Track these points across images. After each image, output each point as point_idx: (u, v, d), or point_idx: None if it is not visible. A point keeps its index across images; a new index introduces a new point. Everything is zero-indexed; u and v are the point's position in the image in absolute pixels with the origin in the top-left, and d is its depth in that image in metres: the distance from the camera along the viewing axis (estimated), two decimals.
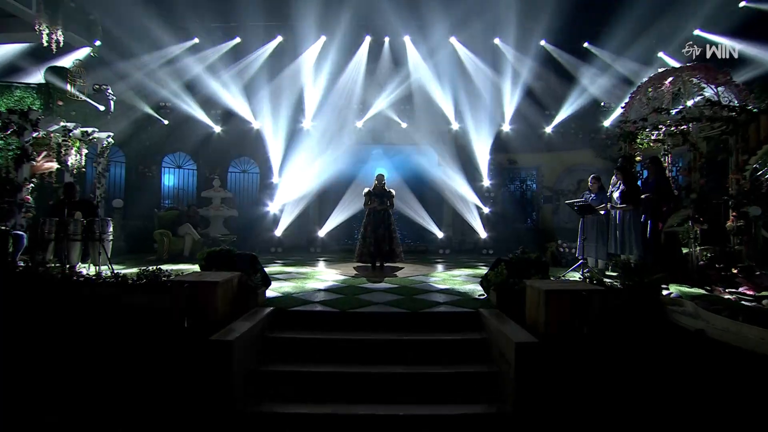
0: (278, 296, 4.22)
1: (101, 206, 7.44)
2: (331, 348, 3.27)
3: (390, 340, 3.31)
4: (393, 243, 6.53)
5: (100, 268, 4.76)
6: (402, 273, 5.98)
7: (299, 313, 3.67)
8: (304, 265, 6.75)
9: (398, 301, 4.05)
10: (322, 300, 4.05)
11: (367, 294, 4.38)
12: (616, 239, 5.61)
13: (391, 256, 6.47)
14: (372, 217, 6.49)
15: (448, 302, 4.03)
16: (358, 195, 11.14)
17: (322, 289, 4.59)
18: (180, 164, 10.24)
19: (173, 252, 6.90)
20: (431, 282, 5.22)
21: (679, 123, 5.44)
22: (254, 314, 3.46)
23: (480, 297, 4.21)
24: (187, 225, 7.07)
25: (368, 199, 6.60)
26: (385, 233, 6.42)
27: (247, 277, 3.83)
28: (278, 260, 7.49)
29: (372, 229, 6.41)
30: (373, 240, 6.32)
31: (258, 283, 3.81)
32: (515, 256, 4.16)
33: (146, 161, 9.42)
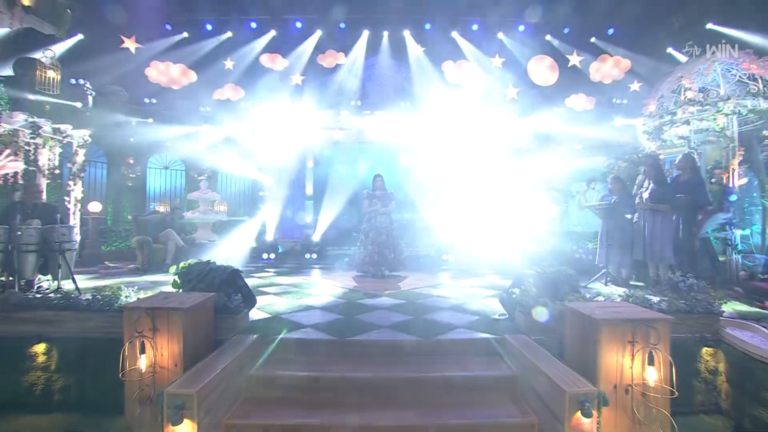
0: (265, 318, 3.55)
1: (77, 210, 6.74)
2: (330, 390, 2.60)
3: (400, 380, 2.65)
4: (397, 250, 5.89)
5: (59, 283, 4.08)
6: (405, 284, 5.32)
7: (289, 342, 3.00)
8: (297, 275, 6.08)
9: (406, 324, 3.39)
10: (317, 323, 3.38)
11: (369, 313, 3.72)
12: (644, 245, 4.98)
13: (395, 265, 5.83)
14: (373, 222, 5.84)
15: (464, 325, 3.38)
16: (356, 197, 10.54)
17: (317, 307, 3.93)
18: (167, 165, 9.54)
19: (154, 261, 6.21)
20: (439, 296, 4.57)
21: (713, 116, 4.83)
22: (233, 345, 2.80)
23: (500, 318, 3.56)
24: (170, 231, 6.38)
25: (368, 202, 5.95)
26: (388, 240, 5.77)
27: (226, 297, 3.17)
28: (270, 268, 6.81)
29: (373, 235, 5.76)
30: (376, 248, 5.68)
31: (239, 305, 3.14)
32: (544, 270, 3.51)
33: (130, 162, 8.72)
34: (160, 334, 2.45)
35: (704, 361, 2.96)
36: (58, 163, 6.43)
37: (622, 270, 5.39)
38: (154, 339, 2.42)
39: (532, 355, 2.61)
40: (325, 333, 3.12)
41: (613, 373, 2.24)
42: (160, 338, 2.45)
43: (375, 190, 6.08)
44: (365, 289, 4.88)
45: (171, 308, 2.46)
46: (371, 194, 6.00)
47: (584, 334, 2.46)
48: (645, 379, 2.13)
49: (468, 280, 5.77)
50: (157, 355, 2.42)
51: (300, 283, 5.31)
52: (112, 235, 7.38)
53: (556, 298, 3.25)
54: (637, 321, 2.24)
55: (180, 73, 11.32)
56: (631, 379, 2.19)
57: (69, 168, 6.79)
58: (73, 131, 6.49)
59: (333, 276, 6.01)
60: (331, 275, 6.12)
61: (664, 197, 4.78)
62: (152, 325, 2.41)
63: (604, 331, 2.27)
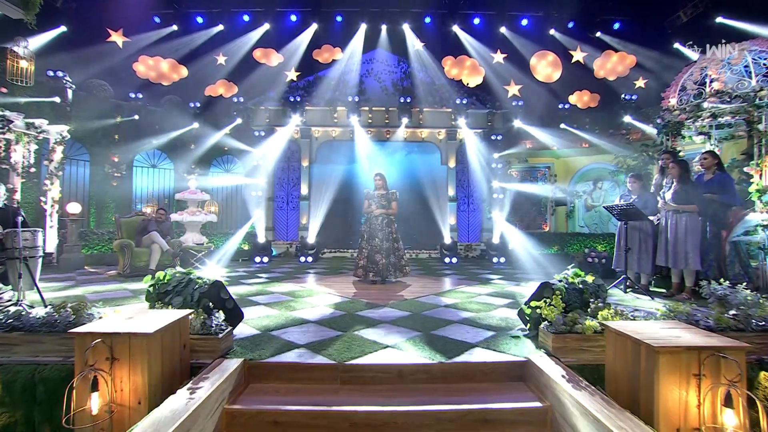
0: (253, 334, 3.10)
1: (54, 212, 6.25)
2: (325, 428, 2.16)
3: (409, 415, 2.21)
4: (398, 254, 5.46)
5: (22, 294, 3.60)
6: (409, 291, 4.89)
7: (278, 367, 2.56)
8: (291, 280, 5.63)
9: (414, 341, 2.96)
10: (312, 342, 2.94)
11: (371, 329, 3.28)
12: (666, 249, 4.58)
13: (397, 271, 5.41)
14: (373, 224, 5.40)
15: (481, 342, 2.95)
16: (354, 197, 10.14)
17: (312, 321, 3.48)
18: (155, 163, 9.04)
19: (137, 266, 5.73)
20: (447, 305, 4.15)
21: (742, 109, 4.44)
22: (213, 372, 2.35)
23: (521, 334, 3.14)
24: (154, 234, 5.90)
25: (368, 202, 5.51)
26: (390, 243, 5.34)
27: (206, 315, 2.72)
28: (262, 273, 6.35)
29: (374, 238, 5.33)
30: (376, 251, 5.25)
31: (220, 324, 2.69)
32: (569, 281, 3.09)
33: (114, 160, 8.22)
34: (119, 365, 2.00)
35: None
36: (34, 160, 5.94)
37: (641, 275, 5.00)
38: (112, 371, 1.97)
39: (567, 385, 2.18)
40: (322, 355, 2.68)
41: (675, 414, 1.82)
42: (119, 370, 1.99)
43: (375, 189, 5.65)
44: (366, 298, 4.44)
45: (134, 333, 2.01)
46: (371, 194, 5.57)
47: (633, 362, 2.03)
48: (721, 425, 1.71)
49: (475, 286, 5.35)
50: (115, 390, 1.96)
51: (294, 291, 4.86)
52: (94, 238, 6.89)
53: (587, 312, 2.84)
54: (704, 349, 1.82)
55: (170, 69, 10.84)
56: (699, 422, 1.77)
57: (46, 166, 6.30)
58: (50, 126, 6.01)
59: (330, 282, 5.57)
60: (328, 281, 5.68)
61: (690, 197, 4.39)
62: (110, 354, 1.96)
63: (662, 361, 1.84)
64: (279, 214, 10.20)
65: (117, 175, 8.01)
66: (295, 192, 10.22)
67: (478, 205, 10.33)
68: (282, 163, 10.22)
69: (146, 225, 6.08)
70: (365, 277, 5.37)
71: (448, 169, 10.16)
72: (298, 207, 10.09)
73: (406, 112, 9.48)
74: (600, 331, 2.61)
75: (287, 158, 10.25)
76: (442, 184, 10.20)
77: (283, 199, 10.22)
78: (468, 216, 10.32)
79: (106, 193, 7.84)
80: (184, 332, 2.46)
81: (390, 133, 10.15)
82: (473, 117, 9.83)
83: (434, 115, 9.96)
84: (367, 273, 5.32)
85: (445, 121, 10.00)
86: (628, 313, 2.79)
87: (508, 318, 3.65)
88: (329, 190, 10.12)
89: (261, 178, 9.35)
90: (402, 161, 10.38)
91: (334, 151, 10.25)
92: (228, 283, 5.27)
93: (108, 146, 7.90)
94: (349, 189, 10.01)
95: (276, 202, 10.18)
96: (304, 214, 9.94)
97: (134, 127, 8.18)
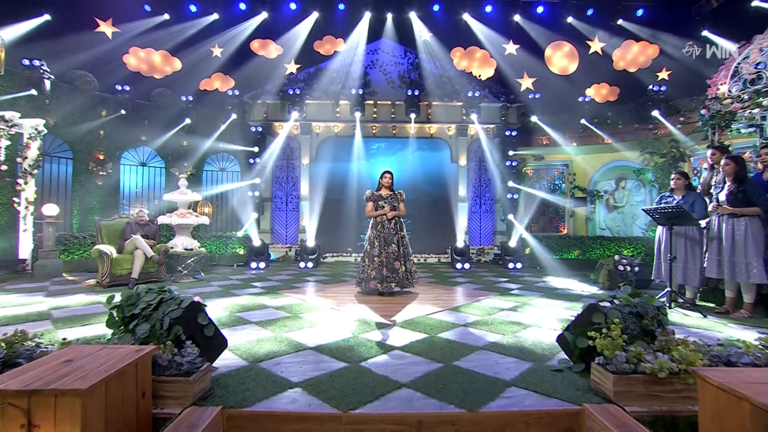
0: (238, 367, 2.59)
1: (29, 214, 5.77)
2: None
3: None
4: (408, 263, 4.94)
5: None
6: (421, 305, 4.37)
7: (266, 417, 2.04)
8: (289, 291, 5.11)
9: (434, 379, 2.43)
10: (309, 380, 2.41)
11: (381, 357, 2.76)
12: (719, 258, 4.03)
13: (406, 281, 4.89)
14: (380, 229, 4.89)
15: (518, 379, 2.42)
16: (357, 197, 9.62)
17: (310, 348, 2.96)
18: (144, 161, 8.56)
19: (118, 275, 5.24)
20: (467, 324, 3.62)
21: None
22: (178, 428, 1.83)
23: (564, 367, 2.60)
24: (137, 238, 5.40)
25: (374, 205, 5.00)
26: (398, 250, 4.82)
27: (176, 348, 2.20)
28: (257, 282, 5.84)
29: (381, 245, 4.81)
30: (394, 259, 4.75)
31: (194, 361, 2.17)
32: (624, 303, 2.56)
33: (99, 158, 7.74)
34: None
35: None
36: (5, 157, 5.46)
37: (686, 288, 4.45)
38: None
39: None
40: (321, 399, 2.16)
41: None
42: None
43: (378, 189, 5.13)
44: (373, 315, 3.92)
45: (61, 390, 1.49)
46: (377, 195, 5.05)
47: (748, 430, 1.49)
48: None
49: (494, 298, 4.82)
50: None
51: (291, 306, 4.34)
52: (74, 243, 6.41)
53: (651, 344, 2.30)
54: None
55: (162, 61, 10.38)
56: None
57: (19, 164, 5.82)
58: (22, 120, 5.52)
59: (332, 293, 5.05)
60: (329, 292, 5.16)
61: (750, 199, 3.83)
62: (26, 421, 1.44)
63: None
64: (278, 215, 9.71)
65: (102, 174, 7.53)
66: (294, 192, 9.73)
67: (491, 205, 9.78)
68: (281, 161, 9.73)
69: (129, 229, 5.58)
70: (371, 289, 4.85)
71: (459, 167, 9.63)
72: (297, 208, 9.60)
73: (414, 106, 8.94)
74: (676, 372, 2.07)
75: (286, 156, 9.76)
76: (452, 183, 9.67)
77: (282, 200, 9.72)
78: (480, 217, 9.78)
79: (91, 194, 7.36)
80: (144, 375, 1.94)
81: (396, 129, 9.63)
82: (486, 111, 9.29)
83: (444, 109, 9.43)
84: (374, 284, 4.80)
85: (455, 115, 9.46)
86: (710, 347, 2.24)
87: (541, 342, 3.12)
88: (331, 190, 9.63)
89: (257, 178, 8.85)
90: (409, 159, 9.85)
91: (337, 147, 9.75)
92: (217, 295, 4.79)
93: (92, 142, 7.42)
94: (351, 188, 9.50)
95: (274, 203, 9.69)
96: (304, 216, 9.43)
97: (121, 122, 7.69)
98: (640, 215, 8.21)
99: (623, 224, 8.49)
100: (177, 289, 5.23)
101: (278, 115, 9.40)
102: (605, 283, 5.44)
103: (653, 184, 7.83)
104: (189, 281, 5.79)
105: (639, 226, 8.19)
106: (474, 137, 9.76)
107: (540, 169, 9.53)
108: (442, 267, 8.40)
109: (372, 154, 10.04)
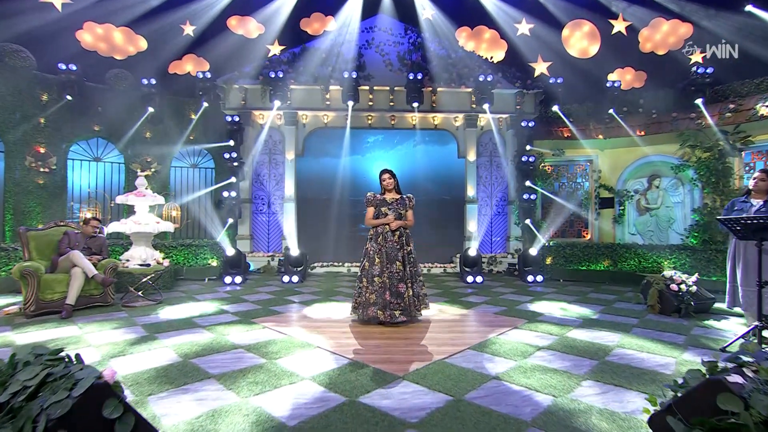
0: None
1: None
2: None
3: None
4: (416, 285, 4.15)
5: None
6: (432, 341, 3.57)
7: None
8: (266, 319, 4.27)
9: None
10: None
11: None
12: None
13: (414, 308, 4.11)
14: (381, 242, 4.09)
15: None
16: (351, 197, 8.80)
17: (290, 429, 2.14)
18: (99, 155, 7.64)
19: (48, 300, 4.35)
20: (500, 376, 2.82)
21: None
22: None
23: None
24: (74, 254, 4.52)
25: (375, 211, 4.20)
26: (404, 269, 4.04)
27: None
28: (228, 305, 5.00)
29: (383, 262, 4.02)
30: (398, 279, 3.97)
31: None
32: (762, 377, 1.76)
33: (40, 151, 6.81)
34: None
35: None
36: None
37: None
38: None
39: None
40: None
41: None
42: None
43: (382, 192, 4.33)
44: (372, 360, 3.11)
45: None
46: (380, 199, 4.24)
47: None
48: None
49: (524, 329, 4.03)
50: None
51: (267, 345, 3.51)
52: (2, 257, 5.51)
53: None
54: None
55: (124, 39, 9.47)
56: None
57: None
58: None
59: (321, 323, 4.22)
60: (317, 321, 4.33)
61: None
62: None
63: None
64: (258, 219, 8.86)
65: (44, 171, 6.60)
66: (278, 192, 8.87)
67: (504, 207, 9.02)
68: (262, 156, 8.86)
69: (66, 241, 4.70)
70: (370, 316, 4.05)
71: (467, 163, 8.85)
72: (282, 210, 8.74)
73: (416, 92, 8.12)
74: None
75: (269, 149, 8.90)
76: (459, 181, 8.90)
77: (264, 201, 8.86)
78: (491, 221, 9.02)
79: (29, 194, 6.44)
80: None
81: (395, 119, 8.81)
82: (498, 99, 8.50)
83: (450, 96, 8.63)
84: (377, 311, 4.00)
85: (463, 103, 8.67)
86: None
87: (612, 412, 2.33)
88: (320, 189, 8.81)
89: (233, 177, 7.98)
90: (410, 154, 9.07)
91: (327, 140, 8.92)
92: (173, 327, 3.89)
93: (30, 133, 6.49)
94: (344, 187, 8.69)
95: (255, 204, 8.83)
96: (290, 220, 8.58)
97: (68, 109, 6.77)
98: (678, 219, 7.49)
99: (657, 229, 7.77)
100: (126, 316, 4.39)
101: (258, 102, 8.53)
102: (655, 306, 4.69)
103: (695, 182, 7.11)
104: (143, 305, 4.93)
105: (677, 232, 7.47)
106: (485, 129, 8.98)
107: (560, 166, 8.78)
108: (449, 279, 7.62)
109: (367, 148, 9.23)
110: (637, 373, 2.89)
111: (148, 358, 3.07)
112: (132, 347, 3.34)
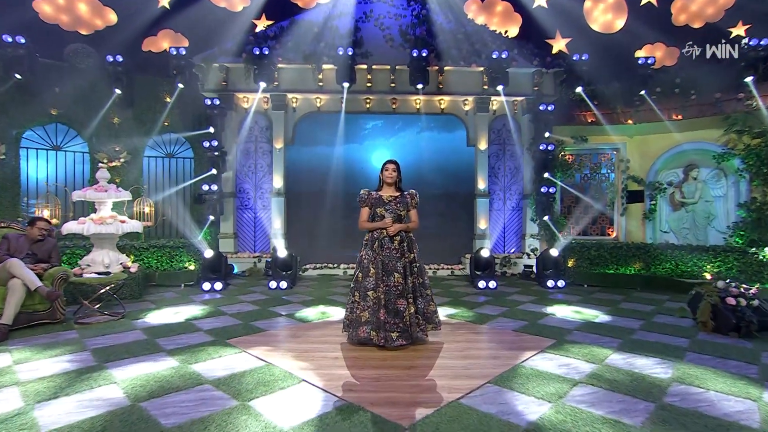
0: None
1: None
2: None
3: None
4: (421, 301, 3.63)
5: None
6: (442, 373, 3.03)
7: None
8: (244, 340, 3.70)
9: None
10: None
11: None
12: None
13: (418, 329, 3.60)
14: (377, 249, 3.54)
15: None
16: (347, 190, 8.19)
17: None
18: (58, 143, 7.05)
19: None
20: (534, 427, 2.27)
21: None
22: None
23: None
24: (13, 262, 3.94)
25: (370, 212, 3.64)
26: (404, 282, 3.51)
27: None
28: (203, 320, 4.45)
29: (378, 273, 3.48)
30: (397, 294, 3.45)
31: None
32: None
33: None
34: None
35: None
36: None
37: None
38: None
39: None
40: None
41: None
42: None
43: (382, 187, 3.76)
44: (370, 403, 2.56)
45: None
46: (375, 197, 3.67)
47: None
48: None
49: (556, 353, 3.47)
50: None
51: (240, 378, 2.96)
52: None
53: None
54: None
55: (91, 12, 8.85)
56: None
57: None
58: None
59: (309, 346, 3.67)
60: (306, 344, 3.77)
61: None
62: None
63: None
64: (244, 215, 8.29)
65: None
66: (265, 184, 8.30)
67: (518, 201, 8.46)
68: (247, 144, 8.28)
69: (5, 246, 4.12)
70: (364, 338, 3.51)
71: (478, 152, 8.26)
72: (269, 205, 8.18)
73: (421, 71, 7.50)
74: None
75: (254, 137, 8.30)
76: (468, 173, 8.34)
77: (249, 195, 8.30)
78: (504, 217, 8.46)
79: None
80: None
81: (397, 103, 8.20)
82: (513, 79, 7.87)
83: (459, 75, 8.01)
84: (375, 332, 3.45)
85: (474, 84, 8.05)
86: None
87: None
88: (312, 182, 8.25)
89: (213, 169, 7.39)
90: (414, 141, 8.49)
91: (320, 127, 8.33)
92: (130, 352, 3.15)
93: None
94: (338, 179, 8.13)
95: (239, 199, 8.26)
96: (279, 216, 8.02)
97: (19, 89, 6.16)
98: (719, 215, 6.92)
99: (694, 226, 7.19)
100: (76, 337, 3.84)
101: (242, 83, 7.92)
102: (708, 323, 4.13)
103: (741, 173, 6.51)
104: (100, 321, 4.39)
105: (717, 230, 6.90)
106: (498, 113, 8.38)
107: (582, 155, 8.18)
108: (457, 283, 7.07)
109: (365, 136, 8.64)
110: (711, 425, 2.33)
111: (84, 404, 2.52)
112: (70, 385, 2.79)
